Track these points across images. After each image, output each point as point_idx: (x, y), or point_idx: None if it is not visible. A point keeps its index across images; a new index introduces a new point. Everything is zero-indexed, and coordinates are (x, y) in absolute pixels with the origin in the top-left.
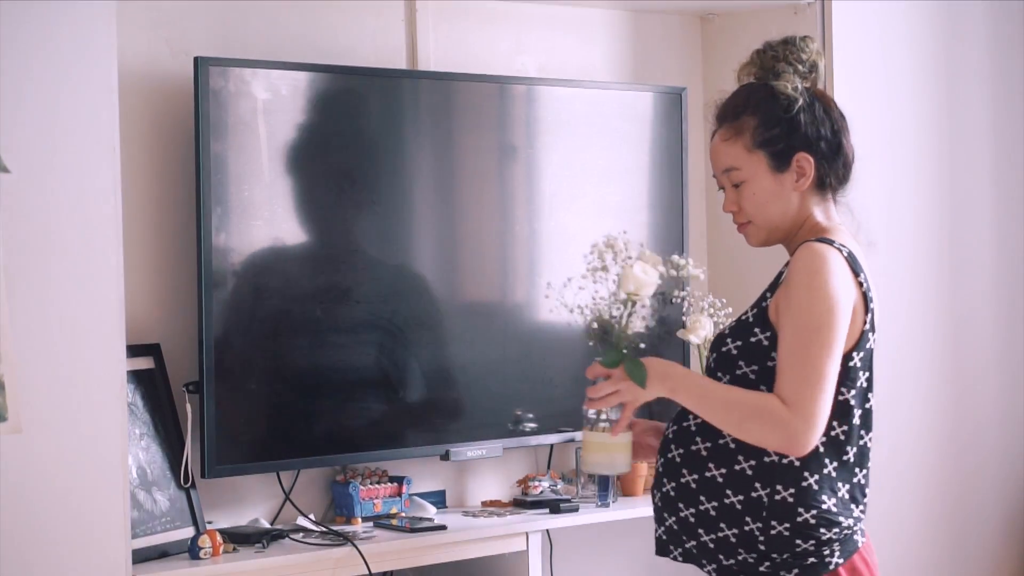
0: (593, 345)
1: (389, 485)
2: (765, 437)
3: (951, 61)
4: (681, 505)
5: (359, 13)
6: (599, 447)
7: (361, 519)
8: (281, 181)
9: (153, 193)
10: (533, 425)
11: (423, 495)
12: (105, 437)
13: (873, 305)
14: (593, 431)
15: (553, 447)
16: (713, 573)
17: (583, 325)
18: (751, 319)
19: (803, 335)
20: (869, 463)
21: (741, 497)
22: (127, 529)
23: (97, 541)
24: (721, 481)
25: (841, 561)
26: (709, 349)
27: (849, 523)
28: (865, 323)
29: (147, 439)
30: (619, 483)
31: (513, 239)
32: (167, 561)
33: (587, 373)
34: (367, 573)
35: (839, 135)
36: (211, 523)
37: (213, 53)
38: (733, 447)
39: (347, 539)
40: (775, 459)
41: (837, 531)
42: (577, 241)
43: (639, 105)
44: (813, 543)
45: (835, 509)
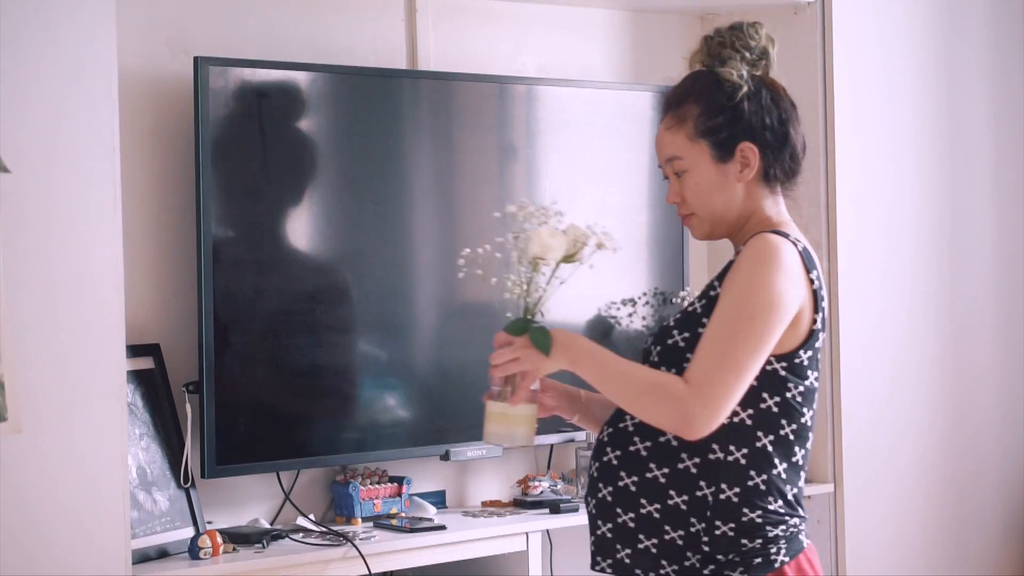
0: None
1: (389, 485)
2: (660, 414)
3: (951, 60)
4: (619, 510)
5: (359, 13)
6: (498, 417)
7: (361, 519)
8: (281, 181)
9: (153, 193)
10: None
11: (423, 495)
12: (105, 437)
13: (824, 304)
14: (494, 401)
15: (553, 447)
16: None
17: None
18: (699, 310)
19: (733, 321)
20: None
21: (686, 497)
22: (127, 529)
23: (97, 541)
24: (664, 481)
25: (787, 560)
26: (652, 342)
27: (795, 521)
28: (815, 322)
29: (147, 439)
30: None
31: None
32: (167, 561)
33: (494, 341)
34: (367, 573)
35: (786, 125)
36: (211, 523)
37: (213, 53)
38: (675, 444)
39: (347, 539)
40: (720, 456)
41: (784, 528)
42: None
43: (639, 105)
44: (760, 541)
45: (781, 510)
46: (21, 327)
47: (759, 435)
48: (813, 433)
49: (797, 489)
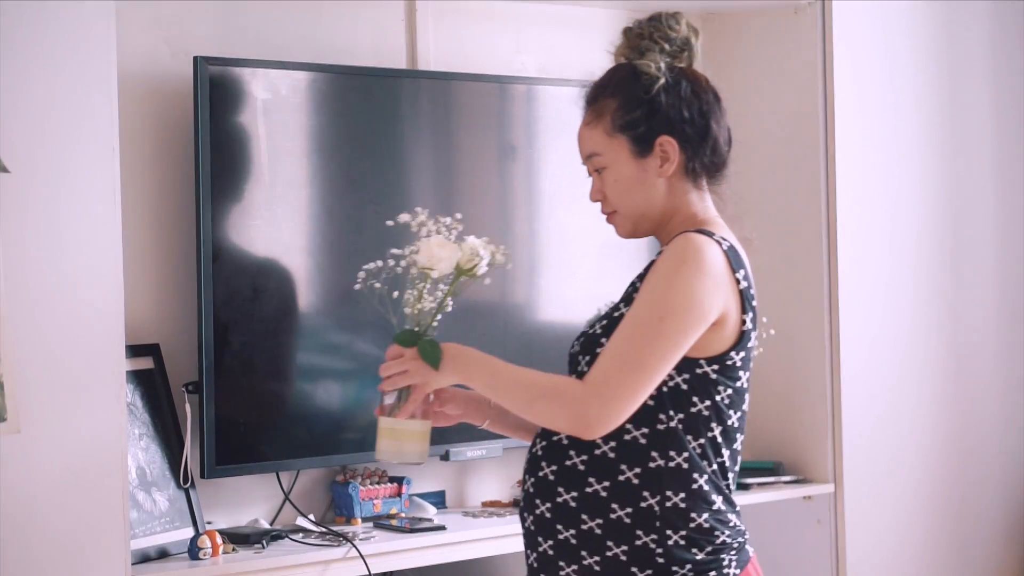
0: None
1: (389, 485)
2: (555, 416)
3: (952, 60)
4: (560, 527)
5: (359, 13)
6: (388, 432)
7: (361, 519)
8: (281, 181)
9: (153, 193)
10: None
11: (423, 495)
12: (105, 437)
13: (755, 303)
14: (385, 415)
15: None
16: None
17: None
18: (624, 313)
19: (643, 321)
20: (737, 467)
21: (630, 509)
22: (126, 529)
23: (97, 541)
24: (606, 495)
25: (739, 572)
26: (580, 351)
27: (736, 522)
28: (744, 322)
29: (147, 439)
30: None
31: (513, 239)
32: (167, 562)
33: (386, 353)
34: (367, 573)
35: (707, 118)
36: (210, 523)
37: (213, 53)
38: (613, 457)
39: (347, 539)
40: (661, 463)
41: (730, 533)
42: (577, 241)
43: None
44: (710, 550)
45: (724, 508)
46: (21, 327)
47: (689, 439)
48: (741, 432)
49: (727, 489)
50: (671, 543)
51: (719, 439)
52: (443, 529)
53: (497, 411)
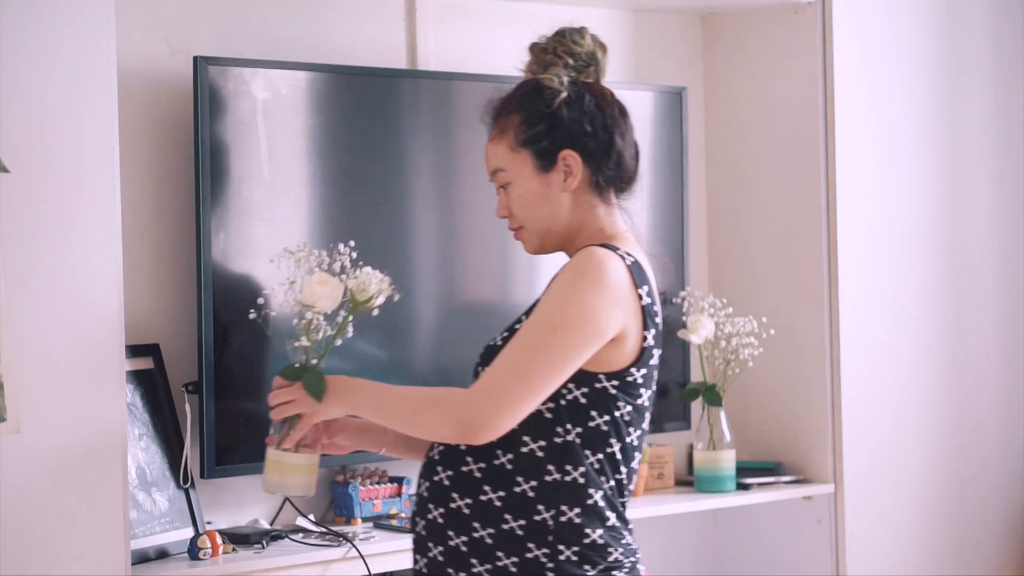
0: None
1: (389, 485)
2: (438, 424)
3: (952, 60)
4: (451, 533)
5: (358, 13)
6: (272, 465)
7: (361, 519)
8: (281, 181)
9: (153, 193)
10: None
11: None
12: (105, 437)
13: (658, 320)
14: (272, 446)
15: None
16: None
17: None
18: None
19: (536, 331)
20: (632, 485)
21: (523, 521)
22: (126, 529)
23: (96, 541)
24: (500, 505)
25: None
26: (480, 362)
27: (629, 541)
28: (645, 339)
29: (146, 439)
30: None
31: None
32: (166, 562)
33: (273, 383)
34: (367, 573)
35: (611, 131)
36: (210, 524)
37: (213, 53)
38: (510, 468)
39: (347, 540)
40: (558, 477)
41: (623, 552)
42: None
43: (639, 105)
44: (603, 567)
45: (618, 524)
46: (21, 327)
47: (587, 454)
48: (639, 451)
49: (622, 507)
50: (563, 558)
51: (618, 456)
52: None
53: (394, 437)
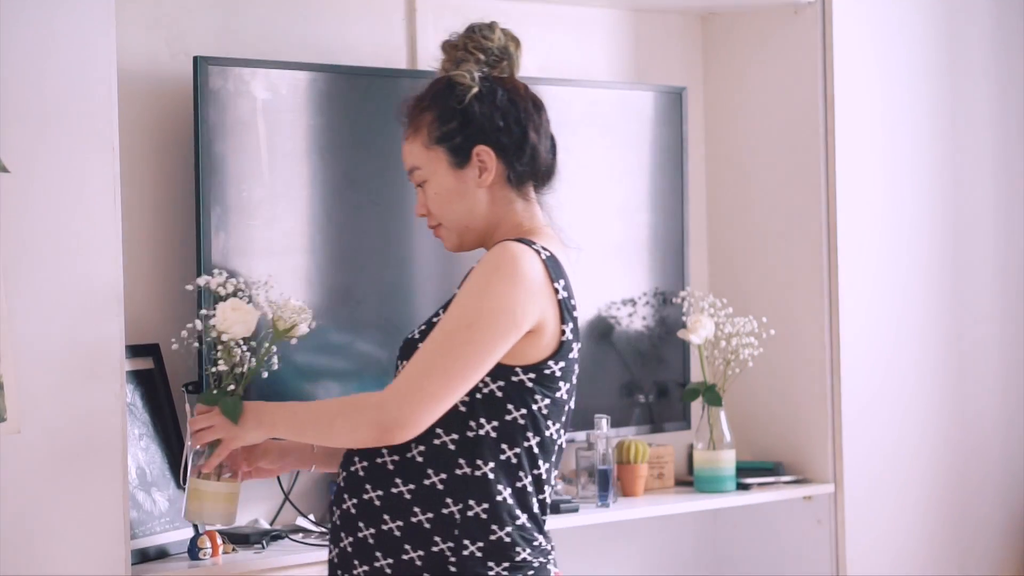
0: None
1: None
2: (355, 428)
3: (952, 60)
4: (361, 524)
5: (359, 12)
6: (192, 493)
7: None
8: (281, 181)
9: (153, 193)
10: None
11: None
12: (105, 437)
13: (576, 314)
14: (194, 476)
15: None
16: None
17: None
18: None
19: (451, 328)
20: (553, 480)
21: (431, 515)
22: (127, 529)
23: (96, 541)
24: (409, 498)
25: None
26: (399, 356)
27: (541, 541)
28: (564, 332)
29: (147, 439)
30: (619, 483)
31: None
32: (166, 562)
33: (195, 411)
34: None
35: (524, 126)
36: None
37: (213, 53)
38: (421, 460)
39: None
40: (468, 471)
41: (531, 552)
42: (577, 241)
43: (639, 105)
44: (507, 566)
45: (529, 525)
46: (21, 327)
47: (504, 447)
48: (559, 448)
49: (539, 503)
50: (466, 553)
51: (536, 450)
52: None
53: (323, 452)
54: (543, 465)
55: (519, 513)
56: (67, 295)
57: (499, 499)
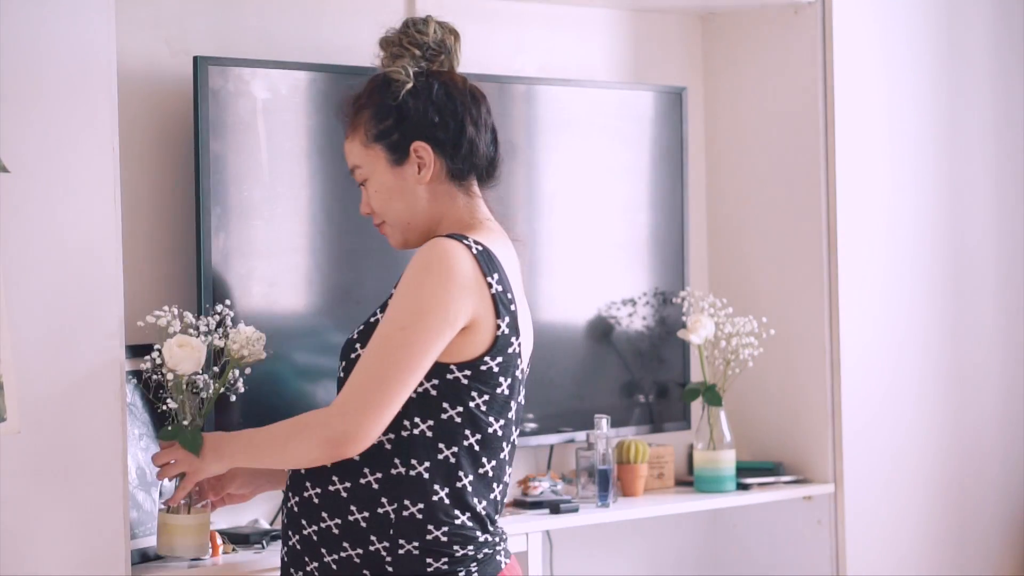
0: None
1: None
2: (308, 447)
3: (952, 60)
4: (304, 522)
5: (359, 12)
6: (161, 527)
7: None
8: (281, 181)
9: (153, 193)
10: (533, 425)
11: None
12: (105, 437)
13: (514, 308)
14: (163, 511)
15: (553, 447)
16: None
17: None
18: (380, 319)
19: (386, 332)
20: (507, 477)
21: (367, 513)
22: (127, 529)
23: (96, 541)
24: (346, 496)
25: None
26: (340, 357)
27: (486, 538)
28: (499, 327)
29: (147, 439)
30: (619, 483)
31: (513, 239)
32: (166, 562)
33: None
34: None
35: (461, 120)
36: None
37: (213, 53)
38: (357, 459)
39: None
40: (402, 471)
41: (472, 548)
42: (577, 241)
43: (639, 105)
44: (446, 561)
45: (470, 524)
46: (21, 327)
47: (441, 447)
48: (510, 444)
49: (488, 502)
50: (402, 553)
51: (476, 448)
52: None
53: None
54: (488, 463)
55: (457, 513)
56: (67, 295)
57: (435, 499)
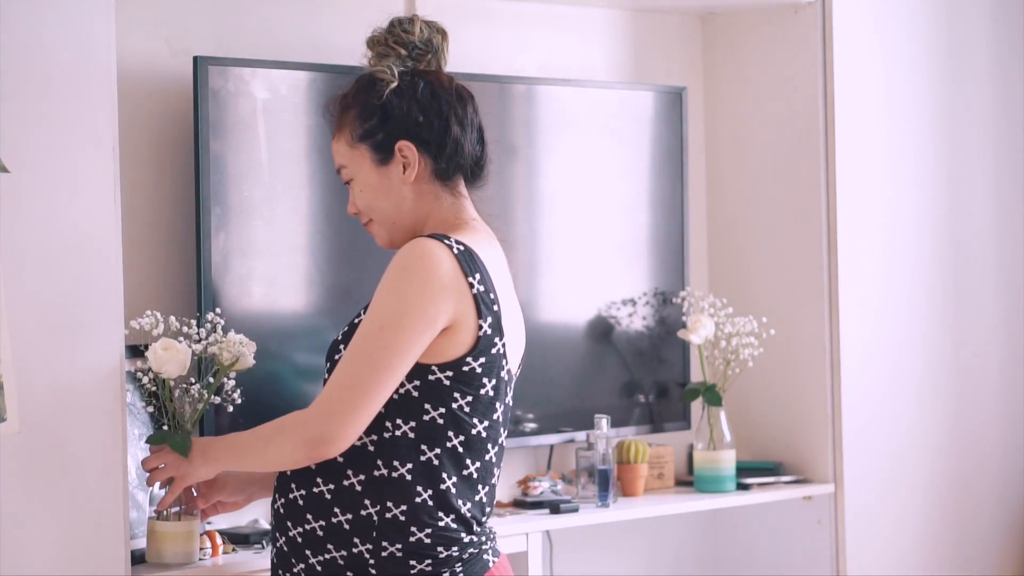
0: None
1: None
2: (288, 448)
3: (952, 60)
4: (289, 524)
5: (359, 12)
6: (149, 535)
7: None
8: (281, 181)
9: (153, 193)
10: (533, 425)
11: None
12: (105, 437)
13: (498, 308)
14: (152, 519)
15: (553, 447)
16: None
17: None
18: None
19: (365, 333)
20: (494, 479)
21: (350, 515)
22: (126, 529)
23: (96, 541)
24: (329, 498)
25: None
26: (326, 358)
27: (471, 539)
28: (481, 327)
29: None
30: (619, 483)
31: (513, 239)
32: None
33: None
34: None
35: (446, 119)
36: (210, 523)
37: (213, 53)
38: (341, 461)
39: None
40: (384, 473)
41: (457, 549)
42: (577, 241)
43: (639, 105)
44: (429, 563)
45: (454, 526)
46: (21, 327)
47: (423, 448)
48: (497, 445)
49: (472, 503)
50: (385, 555)
51: (460, 449)
52: None
53: None
54: (473, 464)
55: (441, 515)
56: (67, 295)
57: (418, 501)
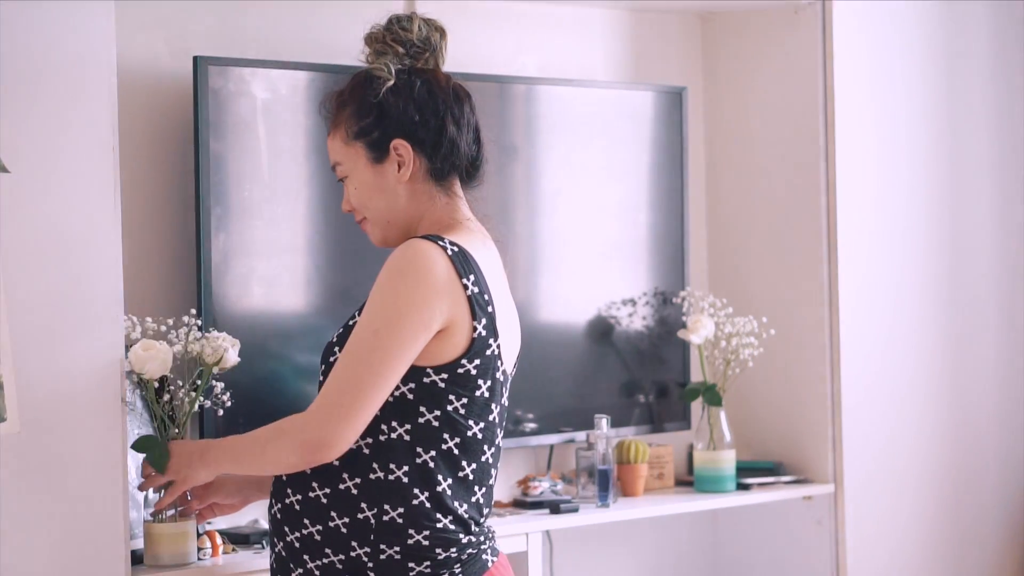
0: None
1: None
2: (286, 452)
3: (952, 61)
4: (287, 528)
5: (359, 12)
6: (146, 537)
7: None
8: (281, 181)
9: (153, 193)
10: (533, 425)
11: None
12: (104, 437)
13: (492, 309)
14: (149, 521)
15: (553, 447)
16: None
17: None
18: (357, 323)
19: (361, 335)
20: (491, 480)
21: (347, 519)
22: (126, 529)
23: (96, 541)
24: (326, 502)
25: None
26: (321, 360)
27: (469, 539)
28: (476, 329)
29: None
30: (619, 483)
31: (513, 239)
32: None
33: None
34: None
35: (442, 118)
36: (210, 523)
37: (213, 53)
38: (336, 465)
39: None
40: (380, 476)
41: (456, 550)
42: (577, 241)
43: (639, 105)
44: (428, 564)
45: (452, 527)
46: (21, 327)
47: (419, 451)
48: (493, 446)
49: (469, 504)
50: (384, 558)
51: (455, 451)
52: None
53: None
54: (468, 466)
55: (439, 517)
56: (67, 295)
57: (415, 503)
